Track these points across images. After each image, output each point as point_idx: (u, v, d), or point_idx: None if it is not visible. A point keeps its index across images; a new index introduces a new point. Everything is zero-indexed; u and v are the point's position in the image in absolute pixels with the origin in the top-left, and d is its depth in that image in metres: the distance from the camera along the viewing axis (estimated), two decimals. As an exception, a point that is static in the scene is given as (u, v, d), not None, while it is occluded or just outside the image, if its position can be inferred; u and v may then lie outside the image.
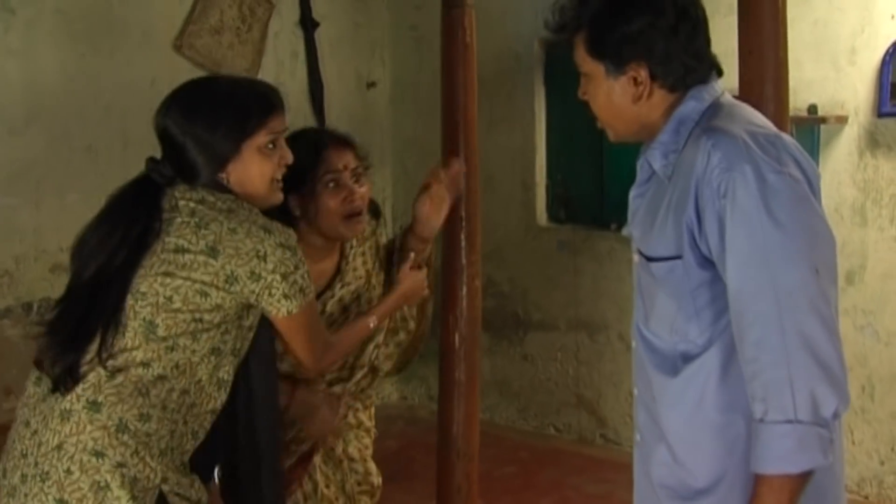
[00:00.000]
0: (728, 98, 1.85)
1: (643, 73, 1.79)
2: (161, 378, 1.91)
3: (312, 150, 2.34)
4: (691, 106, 1.80)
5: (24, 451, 1.91)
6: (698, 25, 1.81)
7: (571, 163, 5.12)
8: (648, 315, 1.85)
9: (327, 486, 2.51)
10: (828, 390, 1.61)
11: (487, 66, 5.04)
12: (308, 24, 5.17)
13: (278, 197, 2.09)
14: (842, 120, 4.03)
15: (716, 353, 1.75)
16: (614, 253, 4.87)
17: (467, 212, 2.75)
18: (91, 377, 1.90)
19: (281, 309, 2.00)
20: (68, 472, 1.85)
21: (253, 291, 1.96)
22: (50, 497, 1.85)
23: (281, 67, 5.07)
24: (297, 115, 5.12)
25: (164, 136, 2.03)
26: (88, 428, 1.86)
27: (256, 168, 2.02)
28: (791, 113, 3.76)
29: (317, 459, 2.49)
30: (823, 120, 4.02)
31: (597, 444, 5.02)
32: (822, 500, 1.76)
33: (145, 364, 1.90)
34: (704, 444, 1.78)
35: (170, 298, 1.91)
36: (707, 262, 1.72)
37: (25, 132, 4.12)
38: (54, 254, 4.27)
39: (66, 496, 1.84)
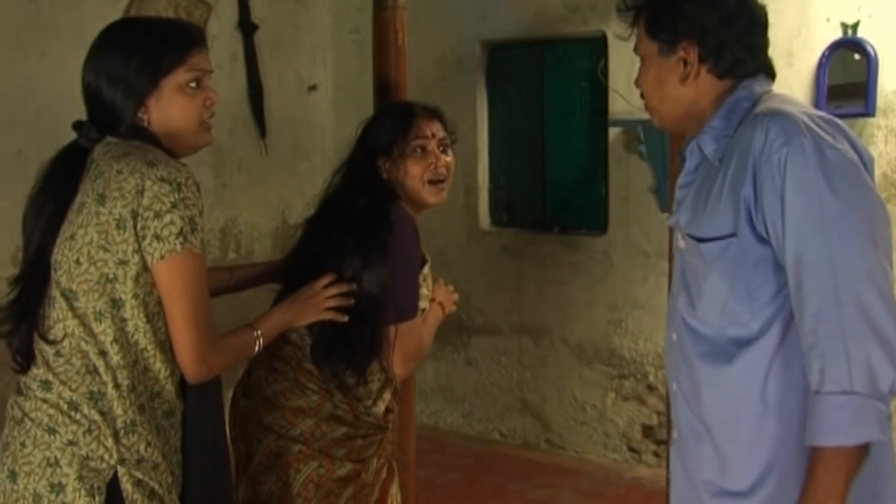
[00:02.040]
0: (779, 92, 1.90)
1: (693, 55, 1.86)
2: (102, 354, 1.85)
3: (404, 117, 2.49)
4: (743, 94, 1.84)
5: (3, 426, 1.95)
6: (756, 22, 1.88)
7: (514, 167, 5.12)
8: (695, 302, 1.85)
9: None
10: (885, 362, 1.61)
11: (429, 70, 5.05)
12: (247, 27, 5.09)
13: (206, 139, 2.01)
14: (779, 122, 4.04)
15: (772, 340, 1.75)
16: (557, 256, 4.87)
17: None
18: (42, 355, 1.89)
19: (154, 253, 1.83)
20: (23, 444, 1.86)
21: (138, 236, 1.82)
22: (5, 467, 1.88)
23: (220, 71, 4.97)
24: (237, 118, 5.10)
25: (83, 88, 1.96)
26: (44, 406, 1.86)
27: (178, 108, 1.94)
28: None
29: (393, 489, 2.56)
30: (761, 122, 4.02)
31: (541, 448, 5.00)
32: (882, 479, 1.75)
33: (85, 339, 1.86)
34: (755, 434, 1.77)
35: (77, 261, 1.86)
36: (762, 240, 1.73)
37: (-49, 137, 4.01)
38: (-18, 260, 4.16)
39: (17, 468, 1.86)
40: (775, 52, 3.95)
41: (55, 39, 4.29)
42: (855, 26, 3.91)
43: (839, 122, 1.76)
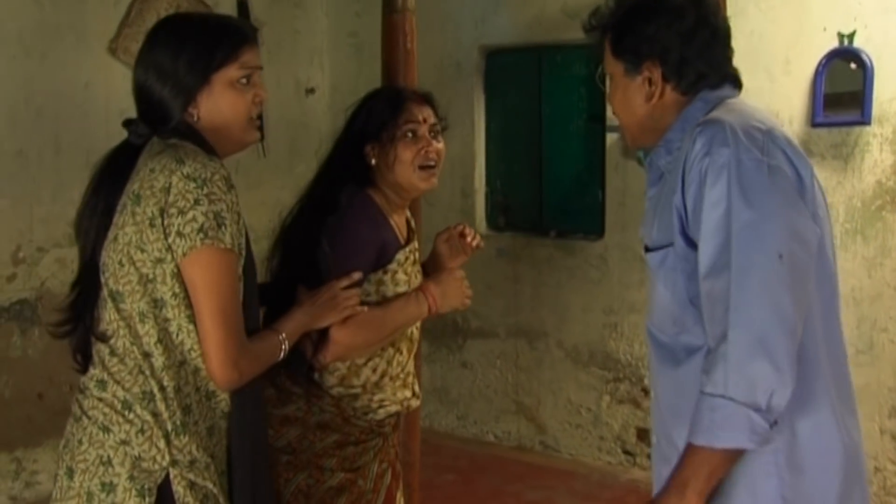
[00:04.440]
0: (736, 100, 1.88)
1: (657, 74, 1.86)
2: (147, 356, 1.84)
3: (394, 100, 2.40)
4: (697, 105, 1.86)
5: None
6: (717, 35, 1.88)
7: (511, 171, 5.15)
8: (653, 310, 1.89)
9: None
10: (765, 375, 1.61)
11: (427, 74, 5.04)
12: (246, 29, 5.11)
13: (254, 136, 1.99)
14: (776, 130, 4.08)
15: None
16: (553, 260, 4.90)
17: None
18: (98, 355, 1.90)
19: (177, 250, 1.79)
20: (80, 442, 1.87)
21: (166, 233, 1.79)
22: (64, 464, 1.90)
23: (218, 72, 5.00)
24: (235, 120, 5.11)
25: (134, 85, 1.95)
26: (99, 405, 1.87)
27: (228, 103, 1.92)
28: (727, 122, 3.85)
29: (399, 494, 2.51)
30: (758, 129, 4.06)
31: (536, 451, 5.03)
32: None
33: (131, 341, 1.85)
34: None
35: (120, 263, 1.85)
36: (695, 248, 1.74)
37: (-48, 136, 4.02)
38: (-14, 259, 4.18)
39: (74, 465, 1.87)
40: (773, 59, 4.08)
41: (57, 39, 4.31)
42: (851, 36, 3.96)
43: (777, 133, 1.76)
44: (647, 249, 1.88)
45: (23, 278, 4.26)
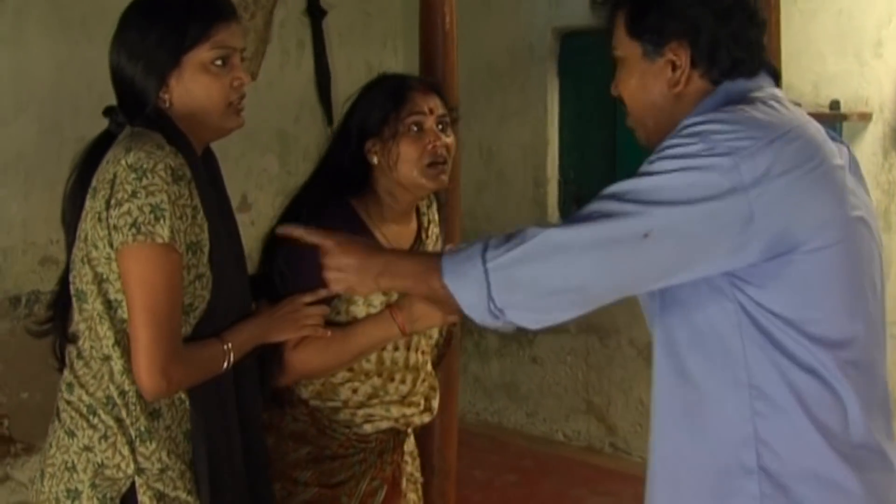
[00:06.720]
0: (770, 94, 1.62)
1: (683, 57, 1.62)
2: (106, 358, 1.76)
3: (396, 90, 2.15)
4: (716, 99, 1.62)
5: None
6: (754, 18, 1.64)
7: (584, 158, 4.99)
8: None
9: None
10: (521, 292, 1.59)
11: (500, 58, 4.96)
12: (316, 12, 5.03)
13: (235, 122, 1.86)
14: (865, 117, 3.84)
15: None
16: (627, 254, 4.70)
17: (443, 202, 2.40)
18: (69, 357, 1.84)
19: (113, 245, 1.70)
20: (50, 445, 1.84)
21: (109, 227, 1.70)
22: (40, 466, 1.87)
23: (286, 57, 4.94)
24: (304, 106, 5.03)
25: (110, 70, 1.86)
26: (67, 408, 1.81)
27: (202, 88, 1.79)
28: (812, 109, 3.60)
29: None
30: (845, 117, 3.84)
31: (605, 452, 4.86)
32: None
33: (92, 343, 1.77)
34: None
35: (81, 260, 1.77)
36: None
37: (14, 122, 4.01)
38: (44, 246, 4.18)
39: (46, 469, 1.83)
40: (863, 41, 3.79)
41: (119, 24, 4.28)
42: (951, 15, 3.67)
43: (768, 135, 1.49)
44: None
45: (84, 265, 4.26)
